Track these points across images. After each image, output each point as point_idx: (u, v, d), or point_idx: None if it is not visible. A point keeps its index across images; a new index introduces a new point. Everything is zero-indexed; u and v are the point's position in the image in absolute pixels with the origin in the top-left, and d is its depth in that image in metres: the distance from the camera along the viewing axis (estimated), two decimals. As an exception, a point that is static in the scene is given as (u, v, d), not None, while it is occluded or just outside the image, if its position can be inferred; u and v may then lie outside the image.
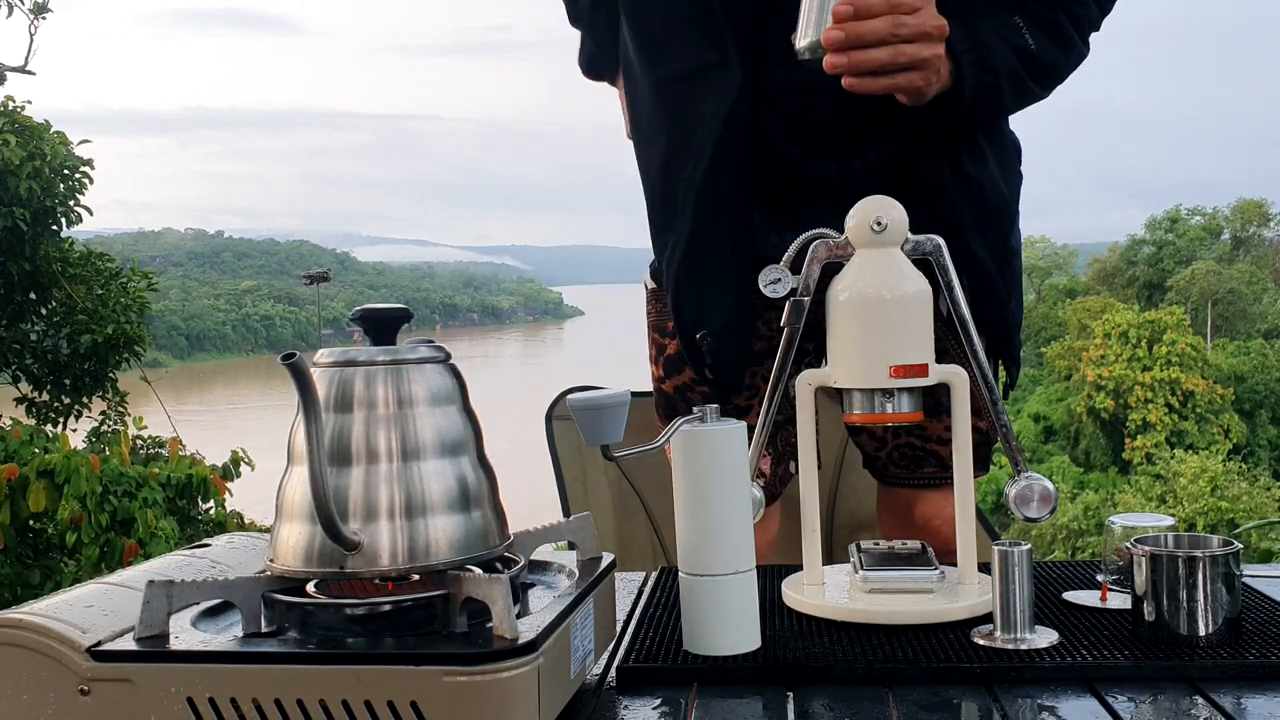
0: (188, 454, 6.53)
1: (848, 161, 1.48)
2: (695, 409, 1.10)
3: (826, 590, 1.24)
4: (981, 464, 1.54)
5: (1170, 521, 1.22)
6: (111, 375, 7.99)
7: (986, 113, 1.41)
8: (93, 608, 0.91)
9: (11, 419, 6.73)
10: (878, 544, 1.31)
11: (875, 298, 1.18)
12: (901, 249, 1.20)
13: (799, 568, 1.29)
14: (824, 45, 1.25)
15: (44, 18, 8.48)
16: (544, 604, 0.94)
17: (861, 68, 1.25)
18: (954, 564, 1.25)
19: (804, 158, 1.49)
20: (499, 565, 1.00)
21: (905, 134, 1.44)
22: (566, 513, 2.02)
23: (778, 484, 1.59)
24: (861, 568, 1.23)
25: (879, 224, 1.19)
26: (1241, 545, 1.09)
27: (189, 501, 6.34)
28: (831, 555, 1.89)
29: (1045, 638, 1.09)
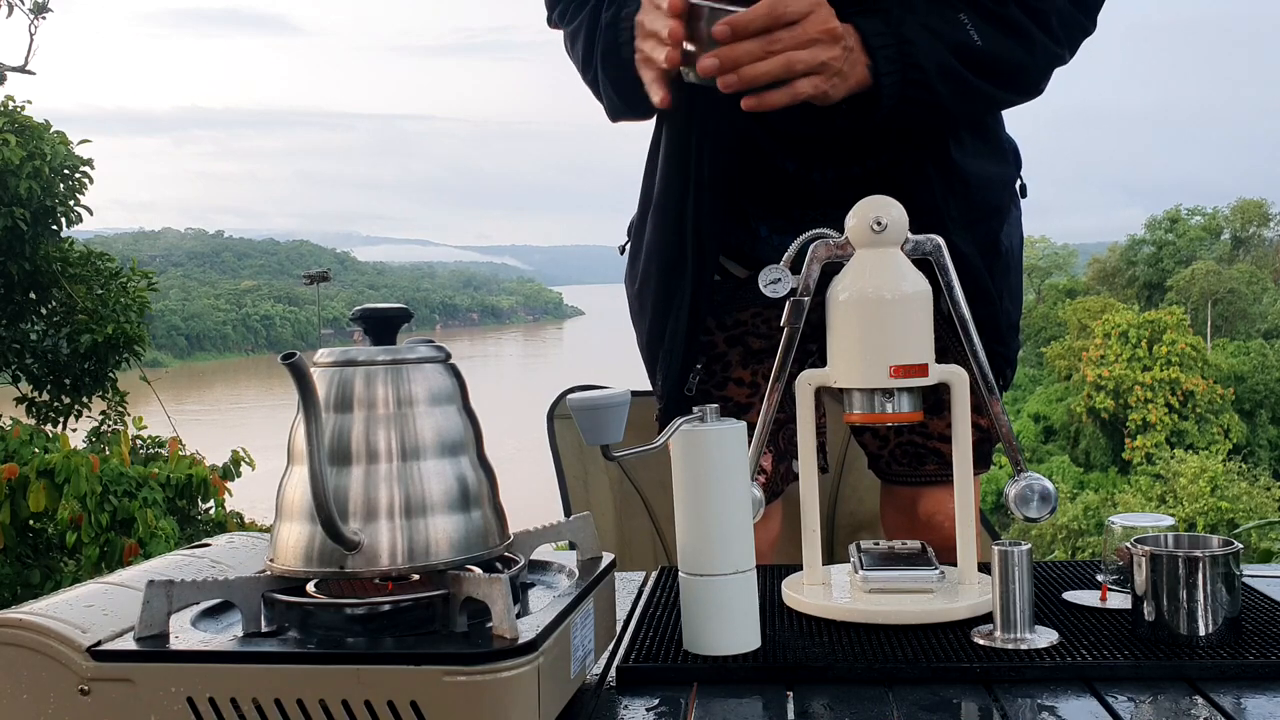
0: (187, 454, 6.53)
1: (846, 169, 1.48)
2: (695, 409, 1.10)
3: (826, 590, 1.24)
4: (982, 461, 1.54)
5: (1170, 521, 1.22)
6: (111, 375, 7.99)
7: (923, 111, 1.36)
8: (93, 607, 0.91)
9: (11, 419, 6.73)
10: (878, 544, 1.31)
11: (875, 298, 1.18)
12: (901, 249, 1.20)
13: (799, 568, 1.29)
14: (699, 74, 1.24)
15: (44, 18, 8.49)
16: (544, 604, 0.94)
17: (754, 83, 1.24)
18: (956, 561, 1.25)
19: (801, 169, 1.49)
20: (499, 565, 1.00)
21: (901, 140, 1.44)
22: (568, 512, 2.02)
23: (780, 482, 1.59)
24: (861, 568, 1.23)
25: (879, 224, 1.19)
26: (1241, 545, 1.09)
27: (189, 501, 6.33)
28: (832, 555, 1.89)
29: (1045, 638, 1.09)
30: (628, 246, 1.68)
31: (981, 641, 1.10)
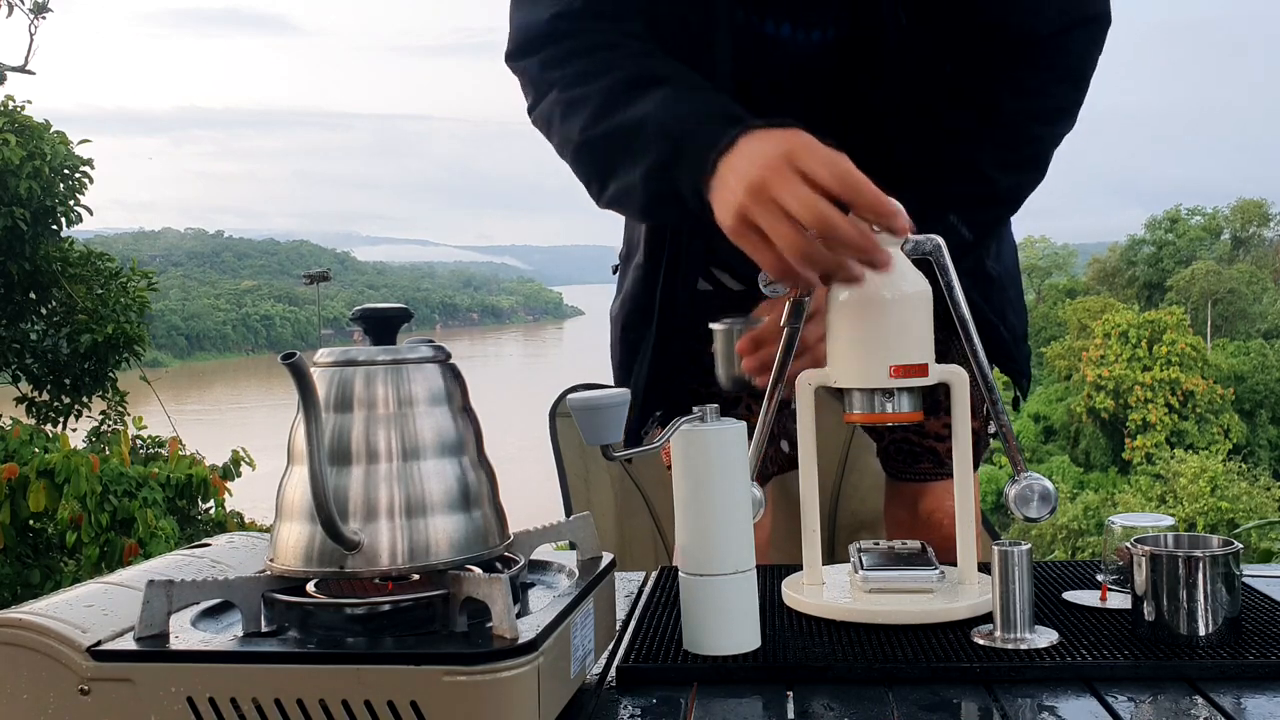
0: (187, 454, 6.53)
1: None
2: (695, 408, 1.10)
3: (826, 590, 1.24)
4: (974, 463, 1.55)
5: (1170, 521, 1.22)
6: (111, 375, 8.00)
7: None
8: (93, 607, 0.91)
9: (11, 418, 6.73)
10: (878, 544, 1.31)
11: (875, 298, 1.18)
12: (901, 249, 1.20)
13: (799, 568, 1.29)
14: (747, 373, 1.32)
15: (44, 17, 8.49)
16: (544, 604, 0.94)
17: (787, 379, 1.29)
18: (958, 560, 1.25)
19: None
20: (499, 565, 1.00)
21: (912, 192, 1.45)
22: (569, 511, 2.02)
23: (770, 464, 1.58)
24: (861, 568, 1.23)
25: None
26: (1241, 545, 1.09)
27: (189, 501, 6.34)
28: (832, 555, 1.89)
29: (1045, 637, 1.09)
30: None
31: (981, 641, 1.10)
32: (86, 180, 7.85)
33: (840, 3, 1.36)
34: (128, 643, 0.86)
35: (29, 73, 8.55)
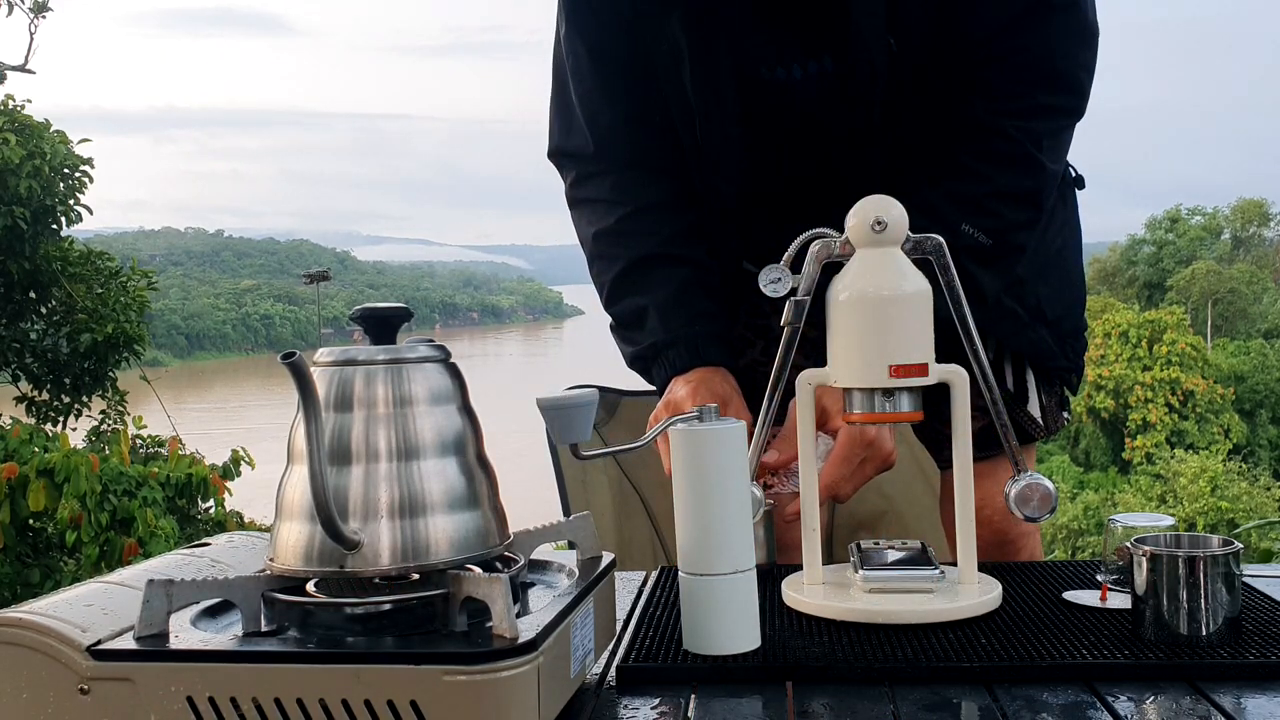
0: (187, 453, 6.53)
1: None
2: (693, 408, 1.10)
3: (826, 590, 1.24)
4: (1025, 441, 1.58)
5: (1170, 521, 1.22)
6: (111, 374, 7.99)
7: None
8: (92, 607, 0.91)
9: (11, 418, 6.73)
10: (878, 544, 1.31)
11: (875, 297, 1.18)
12: (901, 248, 1.20)
13: (799, 568, 1.29)
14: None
15: (44, 16, 8.49)
16: (544, 603, 0.94)
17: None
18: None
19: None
20: (499, 564, 1.00)
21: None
22: (567, 512, 2.02)
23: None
24: (861, 568, 1.23)
25: (879, 223, 1.19)
26: (1241, 545, 1.09)
27: (189, 501, 6.34)
28: (831, 555, 1.89)
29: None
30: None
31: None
32: (86, 179, 7.85)
33: (830, 36, 1.44)
34: (127, 642, 0.86)
35: (29, 72, 8.54)
